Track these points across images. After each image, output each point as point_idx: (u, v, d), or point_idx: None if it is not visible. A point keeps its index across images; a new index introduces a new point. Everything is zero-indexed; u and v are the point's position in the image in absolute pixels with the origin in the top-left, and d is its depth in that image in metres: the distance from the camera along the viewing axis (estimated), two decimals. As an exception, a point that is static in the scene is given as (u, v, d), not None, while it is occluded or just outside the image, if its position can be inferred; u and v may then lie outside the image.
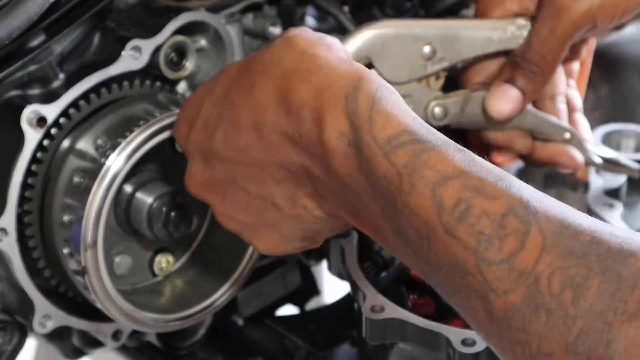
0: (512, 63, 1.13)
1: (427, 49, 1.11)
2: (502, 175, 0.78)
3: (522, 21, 1.14)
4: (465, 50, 1.14)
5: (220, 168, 0.95)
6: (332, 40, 0.92)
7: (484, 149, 1.22)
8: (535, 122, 1.18)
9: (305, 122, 0.86)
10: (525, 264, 0.73)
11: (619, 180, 1.28)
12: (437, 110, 1.14)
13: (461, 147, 0.81)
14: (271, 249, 0.97)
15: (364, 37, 1.08)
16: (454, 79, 1.19)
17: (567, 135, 1.19)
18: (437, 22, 1.14)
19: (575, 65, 1.24)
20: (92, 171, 1.08)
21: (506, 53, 1.15)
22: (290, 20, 1.25)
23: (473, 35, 1.13)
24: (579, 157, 1.19)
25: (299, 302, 1.46)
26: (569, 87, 1.23)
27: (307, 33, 0.91)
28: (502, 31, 1.14)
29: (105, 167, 1.08)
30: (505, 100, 1.12)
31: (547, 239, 0.74)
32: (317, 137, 0.85)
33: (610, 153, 1.27)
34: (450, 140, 0.81)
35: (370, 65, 1.09)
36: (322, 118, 0.85)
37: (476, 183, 0.77)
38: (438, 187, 0.77)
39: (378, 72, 1.08)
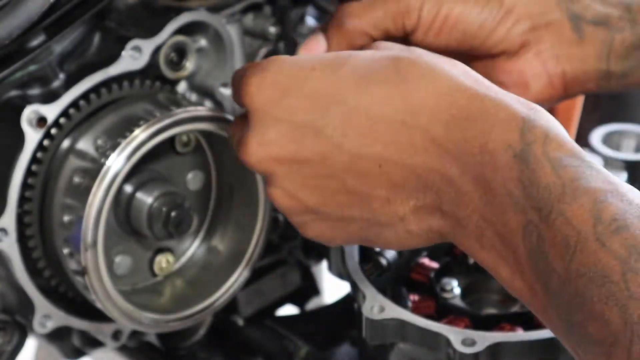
0: None
1: None
2: None
3: None
4: None
5: (311, 146, 0.92)
6: None
7: None
8: None
9: (467, 132, 0.87)
10: None
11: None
12: None
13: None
14: (321, 237, 0.97)
15: None
16: None
17: None
18: None
19: None
20: (92, 171, 1.08)
21: None
22: (284, 20, 1.25)
23: None
24: None
25: (299, 302, 1.46)
26: None
27: None
28: None
29: (105, 167, 1.08)
30: None
31: None
32: (479, 147, 0.86)
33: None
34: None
35: None
36: (491, 130, 0.86)
37: (637, 201, 0.79)
38: (600, 203, 0.80)
39: None
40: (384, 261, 1.17)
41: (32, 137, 1.09)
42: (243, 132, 0.96)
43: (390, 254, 1.16)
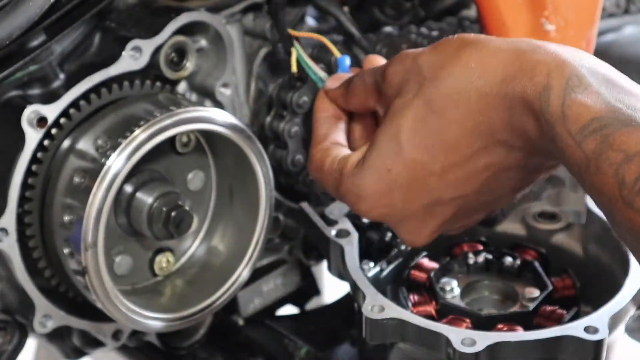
0: None
1: None
2: None
3: None
4: None
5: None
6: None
7: None
8: None
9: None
10: None
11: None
12: None
13: None
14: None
15: None
16: None
17: None
18: None
19: None
20: (93, 171, 1.08)
21: None
22: (278, 19, 1.25)
23: None
24: None
25: (299, 302, 1.46)
26: None
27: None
28: None
29: (105, 167, 1.08)
30: None
31: None
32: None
33: None
34: (639, 114, 0.86)
35: None
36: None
37: None
38: (621, 167, 0.84)
39: None
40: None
41: (32, 137, 1.09)
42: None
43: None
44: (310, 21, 1.35)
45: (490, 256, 1.21)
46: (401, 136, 0.97)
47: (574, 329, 1.02)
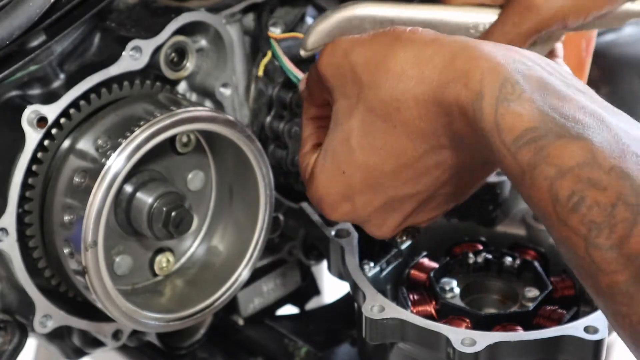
0: None
1: None
2: (616, 162, 0.81)
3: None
4: None
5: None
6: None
7: None
8: None
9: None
10: (633, 248, 0.79)
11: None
12: None
13: (581, 133, 0.83)
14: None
15: (337, 18, 1.07)
16: None
17: None
18: (415, 7, 1.12)
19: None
20: (93, 171, 1.09)
21: None
22: (261, 19, 1.25)
23: (453, 22, 1.11)
24: None
25: (299, 302, 1.46)
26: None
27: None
28: (481, 20, 1.12)
29: (105, 167, 1.08)
30: None
31: None
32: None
33: None
34: (574, 121, 0.84)
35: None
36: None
37: (589, 175, 0.81)
38: (555, 182, 0.83)
39: None
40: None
41: (32, 137, 1.09)
42: None
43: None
44: (310, 21, 1.35)
45: (490, 256, 1.21)
46: (351, 140, 0.98)
47: (574, 329, 1.02)
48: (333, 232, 1.18)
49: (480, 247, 1.24)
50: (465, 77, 0.88)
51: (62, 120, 1.11)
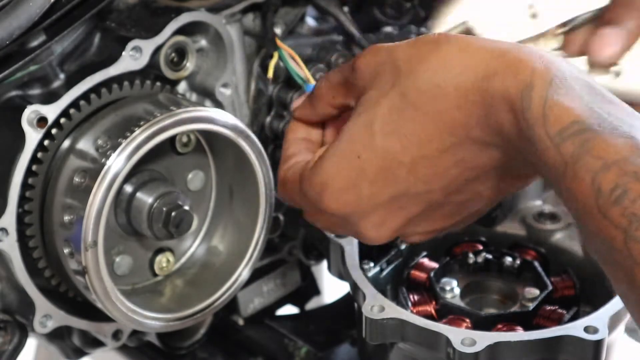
0: (618, 4, 1.13)
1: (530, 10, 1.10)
2: None
3: None
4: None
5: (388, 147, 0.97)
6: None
7: None
8: None
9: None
10: None
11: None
12: None
13: (627, 131, 0.84)
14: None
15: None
16: None
17: None
18: None
19: None
20: (93, 171, 1.09)
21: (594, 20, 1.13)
22: (266, 20, 1.25)
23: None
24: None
25: (299, 302, 1.46)
26: None
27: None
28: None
29: (105, 167, 1.08)
30: (611, 43, 1.12)
31: None
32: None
33: None
34: (620, 121, 0.85)
35: (468, 31, 1.09)
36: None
37: (635, 169, 0.82)
38: (598, 175, 0.83)
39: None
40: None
41: (32, 137, 1.09)
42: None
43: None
44: (310, 21, 1.35)
45: (490, 256, 1.21)
46: (375, 125, 0.96)
47: (574, 329, 1.02)
48: (333, 232, 1.18)
49: (480, 247, 1.24)
50: (516, 69, 0.89)
51: (62, 120, 1.11)
